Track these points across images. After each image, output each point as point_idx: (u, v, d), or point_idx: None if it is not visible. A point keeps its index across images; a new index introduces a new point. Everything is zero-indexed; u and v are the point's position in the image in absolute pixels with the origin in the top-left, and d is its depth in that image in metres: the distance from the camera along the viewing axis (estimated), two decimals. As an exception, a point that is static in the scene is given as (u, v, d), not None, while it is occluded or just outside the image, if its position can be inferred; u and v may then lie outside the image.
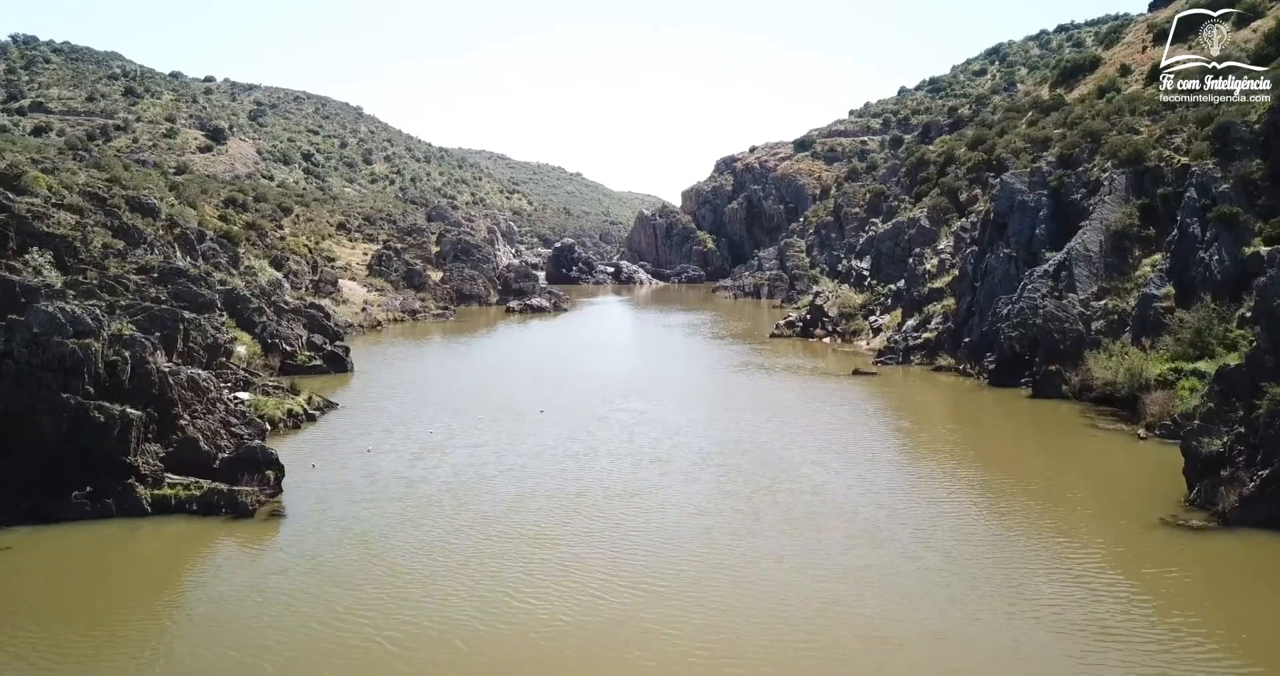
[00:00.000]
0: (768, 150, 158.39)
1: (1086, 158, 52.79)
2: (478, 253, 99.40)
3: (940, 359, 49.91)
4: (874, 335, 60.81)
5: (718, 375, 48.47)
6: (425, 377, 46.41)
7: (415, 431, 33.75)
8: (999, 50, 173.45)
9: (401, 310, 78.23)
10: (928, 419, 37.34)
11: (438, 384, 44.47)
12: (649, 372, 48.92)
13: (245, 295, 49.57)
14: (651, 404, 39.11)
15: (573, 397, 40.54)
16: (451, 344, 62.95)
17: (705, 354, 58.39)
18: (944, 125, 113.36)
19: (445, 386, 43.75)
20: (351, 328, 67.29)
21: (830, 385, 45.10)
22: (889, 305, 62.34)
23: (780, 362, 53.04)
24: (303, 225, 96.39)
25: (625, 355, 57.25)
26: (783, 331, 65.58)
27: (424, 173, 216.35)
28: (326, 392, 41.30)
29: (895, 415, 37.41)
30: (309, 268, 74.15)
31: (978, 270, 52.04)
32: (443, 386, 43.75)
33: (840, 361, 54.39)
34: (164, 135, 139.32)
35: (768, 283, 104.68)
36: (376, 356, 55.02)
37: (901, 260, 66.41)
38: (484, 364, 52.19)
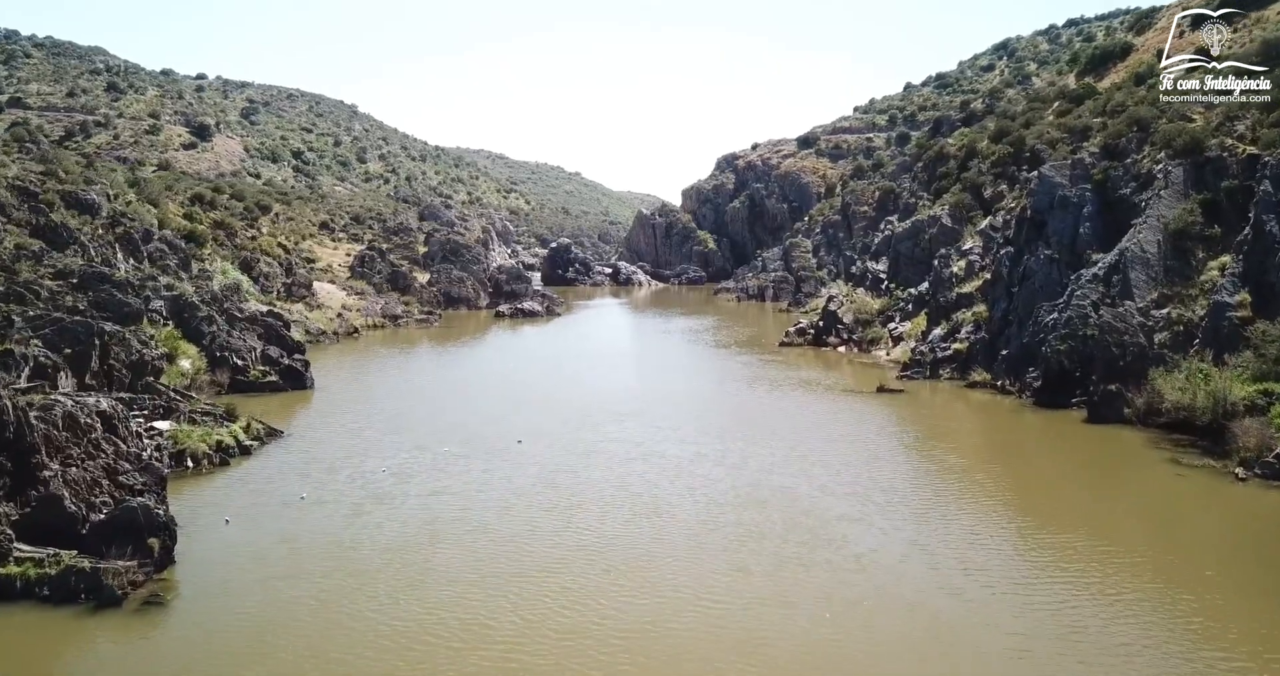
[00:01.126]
0: (770, 147, 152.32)
1: (1135, 148, 46.76)
2: (467, 253, 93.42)
3: (974, 373, 43.94)
4: (894, 344, 54.86)
5: (725, 392, 42.47)
6: (393, 396, 40.43)
7: (366, 469, 27.78)
8: (1007, 45, 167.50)
9: (382, 315, 72.24)
10: (976, 452, 31.31)
11: (405, 404, 38.49)
12: (647, 389, 42.94)
13: (194, 302, 43.62)
14: (649, 431, 33.12)
15: (558, 422, 34.55)
16: (430, 354, 56.95)
17: (709, 366, 52.42)
18: (956, 120, 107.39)
19: (413, 408, 37.77)
20: (325, 335, 61.37)
21: (854, 405, 39.11)
22: (909, 311, 56.38)
23: (794, 377, 47.08)
24: (282, 225, 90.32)
25: (620, 367, 51.27)
26: (793, 339, 59.60)
27: (419, 171, 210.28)
28: (274, 416, 35.31)
29: (937, 447, 31.39)
30: (281, 270, 68.16)
31: (1014, 273, 46.07)
32: (410, 407, 37.77)
33: (860, 375, 48.41)
34: (146, 131, 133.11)
35: (772, 285, 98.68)
36: (344, 369, 49.05)
37: (923, 262, 60.48)
38: (462, 378, 46.20)
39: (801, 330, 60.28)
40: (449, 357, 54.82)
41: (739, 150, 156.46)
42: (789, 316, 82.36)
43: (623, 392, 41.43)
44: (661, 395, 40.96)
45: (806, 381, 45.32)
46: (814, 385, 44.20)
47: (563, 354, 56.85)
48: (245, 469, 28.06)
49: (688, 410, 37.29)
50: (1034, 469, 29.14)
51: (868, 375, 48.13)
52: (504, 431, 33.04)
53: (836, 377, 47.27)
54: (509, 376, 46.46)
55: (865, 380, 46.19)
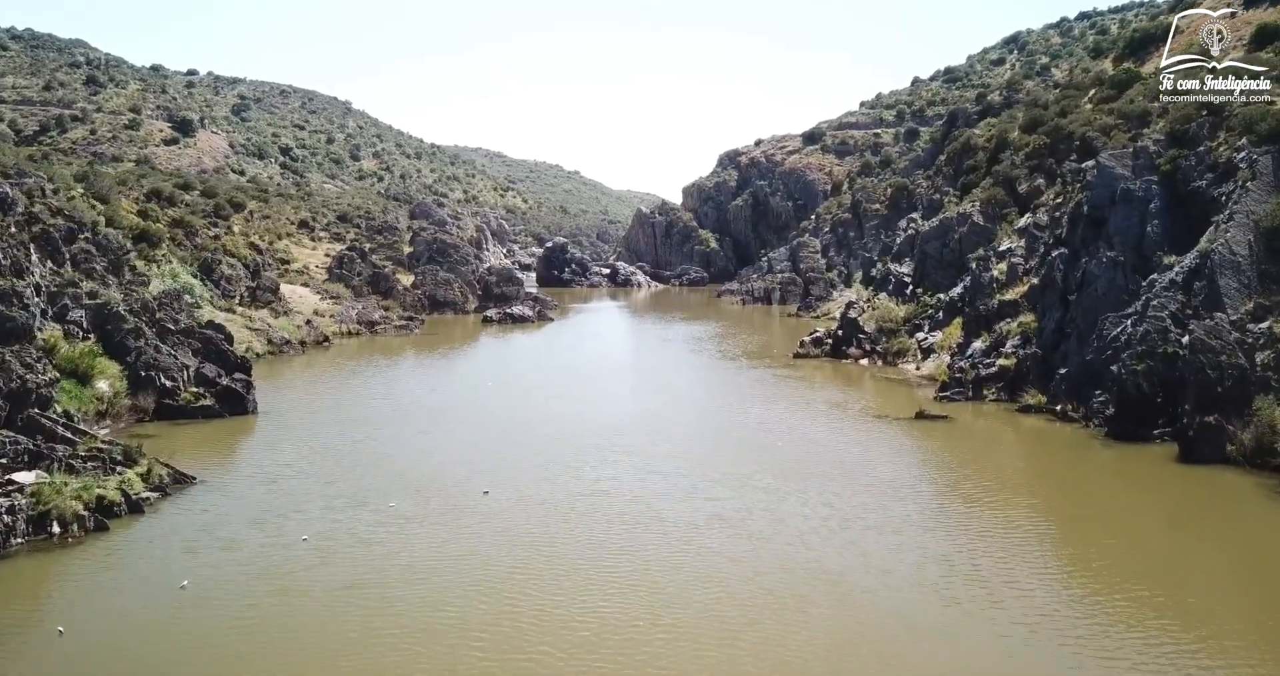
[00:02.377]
0: (774, 143, 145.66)
1: (1208, 134, 40.12)
2: (456, 253, 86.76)
3: (1026, 395, 37.31)
4: (923, 357, 48.23)
5: (736, 419, 35.80)
6: (345, 424, 33.78)
7: (284, 537, 21.14)
8: (1017, 39, 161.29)
9: (359, 321, 65.60)
10: (1073, 511, 24.54)
11: (358, 435, 31.86)
12: (645, 415, 36.26)
13: (120, 312, 36.97)
14: (648, 477, 26.46)
15: (537, 463, 27.90)
16: (402, 368, 50.30)
17: (716, 383, 45.80)
18: (972, 113, 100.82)
19: (366, 440, 31.13)
20: (289, 345, 54.72)
21: (893, 436, 32.47)
22: (940, 319, 49.75)
23: (816, 398, 40.45)
24: (256, 223, 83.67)
25: (615, 385, 44.62)
26: (809, 350, 52.96)
27: (414, 169, 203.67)
28: (195, 453, 28.72)
29: (1011, 500, 24.70)
30: (246, 272, 61.50)
31: (1070, 278, 39.46)
32: (363, 440, 31.13)
33: (891, 394, 41.80)
34: (125, 127, 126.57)
35: (779, 287, 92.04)
36: (300, 387, 42.43)
37: (952, 264, 53.88)
38: (431, 400, 39.54)
39: (818, 339, 53.64)
40: (421, 373, 48.14)
41: (741, 146, 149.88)
42: (799, 322, 75.74)
43: (617, 420, 34.73)
44: (662, 424, 34.27)
45: (832, 403, 38.66)
46: (841, 409, 37.55)
47: (551, 368, 50.17)
48: (127, 535, 21.43)
49: (694, 445, 30.57)
50: (1173, 543, 22.43)
51: (900, 395, 41.51)
52: (469, 476, 26.40)
53: (865, 398, 40.64)
54: (486, 397, 39.80)
55: (899, 401, 39.57)
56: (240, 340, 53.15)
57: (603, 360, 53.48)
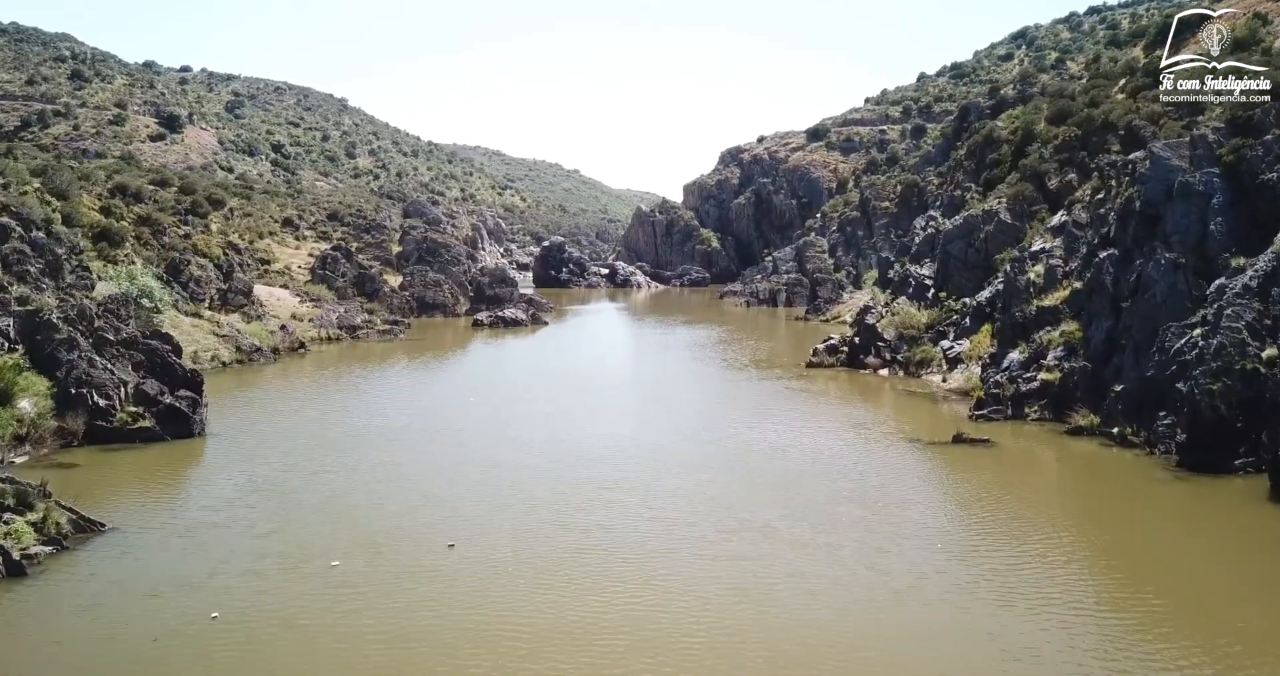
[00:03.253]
0: (778, 140, 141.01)
1: (1275, 120, 35.56)
2: (446, 253, 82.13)
3: (1076, 415, 32.69)
4: (949, 367, 43.64)
5: (750, 442, 31.16)
6: (299, 453, 29.17)
7: (188, 615, 16.56)
8: (1025, 34, 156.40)
9: (339, 326, 61.00)
10: (1170, 579, 19.93)
11: (311, 466, 27.28)
12: (644, 440, 31.61)
13: (52, 320, 32.38)
14: (649, 525, 21.87)
15: (517, 506, 23.30)
16: (380, 379, 45.67)
17: (724, 397, 41.19)
18: (985, 107, 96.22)
19: (319, 474, 26.54)
20: (260, 352, 50.14)
21: (932, 465, 27.88)
22: (967, 326, 45.16)
23: (837, 415, 35.83)
24: (236, 221, 79.04)
25: (612, 400, 39.98)
26: (823, 359, 48.36)
27: (411, 167, 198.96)
28: (113, 490, 24.17)
29: (1098, 557, 20.15)
30: (217, 273, 56.89)
31: (1122, 282, 34.84)
32: (315, 474, 26.55)
33: (917, 411, 37.24)
34: (110, 122, 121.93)
35: (785, 288, 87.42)
36: (260, 403, 37.82)
37: (978, 266, 49.29)
38: (407, 419, 34.92)
39: (833, 347, 49.03)
40: (399, 385, 43.49)
41: (744, 143, 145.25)
42: (806, 326, 71.18)
43: (613, 447, 30.10)
44: (665, 452, 29.64)
45: (855, 423, 34.04)
46: (866, 430, 32.93)
47: (541, 379, 45.52)
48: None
49: (704, 481, 25.92)
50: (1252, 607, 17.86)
51: (928, 412, 36.94)
52: (434, 522, 21.82)
53: (890, 416, 36.04)
54: (466, 417, 35.18)
55: (929, 420, 35.01)
56: (205, 348, 48.68)
57: (598, 370, 48.89)
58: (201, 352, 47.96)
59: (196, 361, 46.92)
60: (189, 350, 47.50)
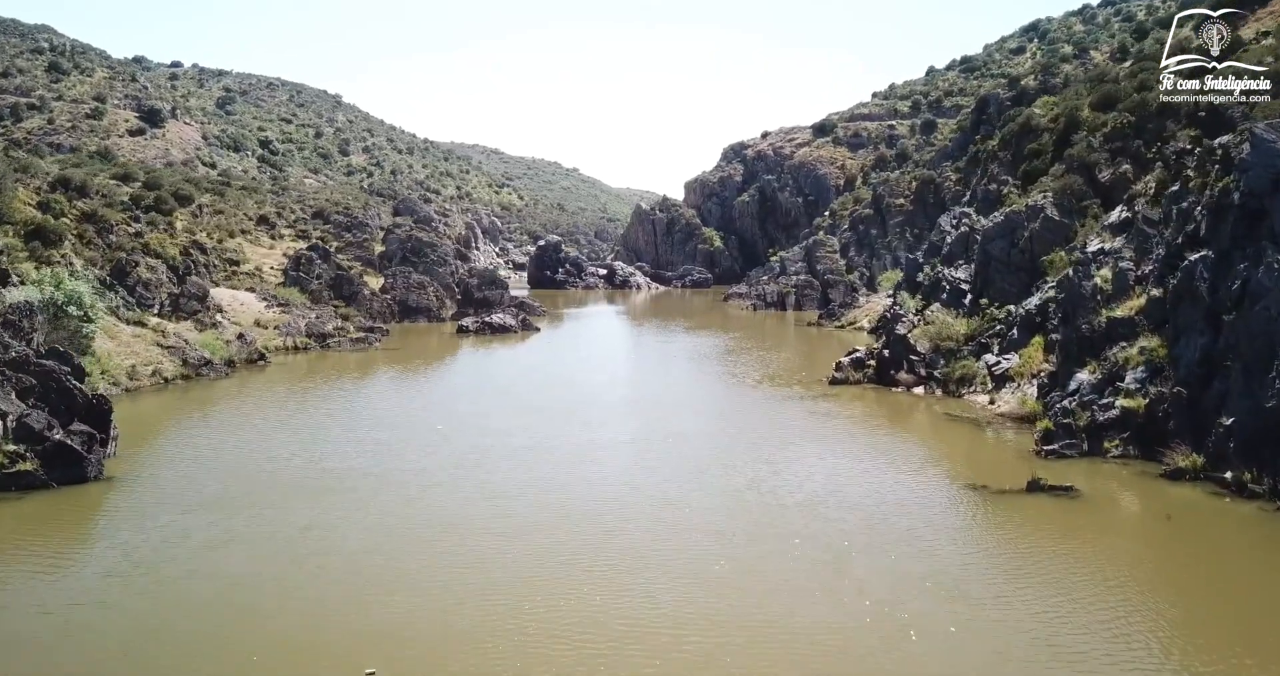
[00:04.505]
0: (782, 136, 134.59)
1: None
2: (433, 253, 75.71)
3: (1175, 454, 26.34)
4: (996, 386, 37.28)
5: (777, 489, 24.75)
6: (208, 509, 22.78)
7: None
8: (1037, 27, 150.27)
9: (308, 333, 54.62)
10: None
11: (213, 536, 20.90)
12: (643, 489, 25.18)
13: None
14: (652, 643, 15.53)
15: (469, 606, 16.91)
16: (338, 398, 39.25)
17: (737, 424, 34.75)
18: (1004, 98, 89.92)
19: (221, 548, 20.16)
20: (210, 366, 43.80)
21: (1016, 528, 21.50)
22: (1015, 338, 38.78)
23: (876, 449, 29.41)
24: (206, 219, 72.69)
25: (604, 429, 33.49)
26: (848, 374, 41.99)
27: (405, 165, 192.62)
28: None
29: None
30: (170, 276, 50.55)
31: (1222, 290, 28.50)
32: (217, 548, 20.17)
33: (966, 441, 30.88)
34: (86, 116, 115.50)
35: (795, 291, 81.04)
36: (184, 434, 31.35)
37: (1023, 268, 42.93)
38: (352, 456, 28.51)
39: (858, 361, 42.65)
40: (358, 407, 37.02)
41: (747, 139, 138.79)
42: (821, 333, 64.85)
43: (606, 501, 23.65)
44: (673, 509, 23.19)
45: (901, 461, 27.66)
46: (917, 472, 26.57)
47: (525, 398, 39.04)
48: None
49: (728, 561, 19.47)
50: None
51: (984, 444, 30.58)
52: (354, 636, 15.47)
53: (942, 451, 29.64)
54: (427, 453, 28.76)
55: (989, 456, 28.71)
56: (146, 361, 42.37)
57: (592, 388, 42.48)
58: (140, 367, 41.69)
59: (134, 378, 40.74)
60: (125, 365, 41.31)
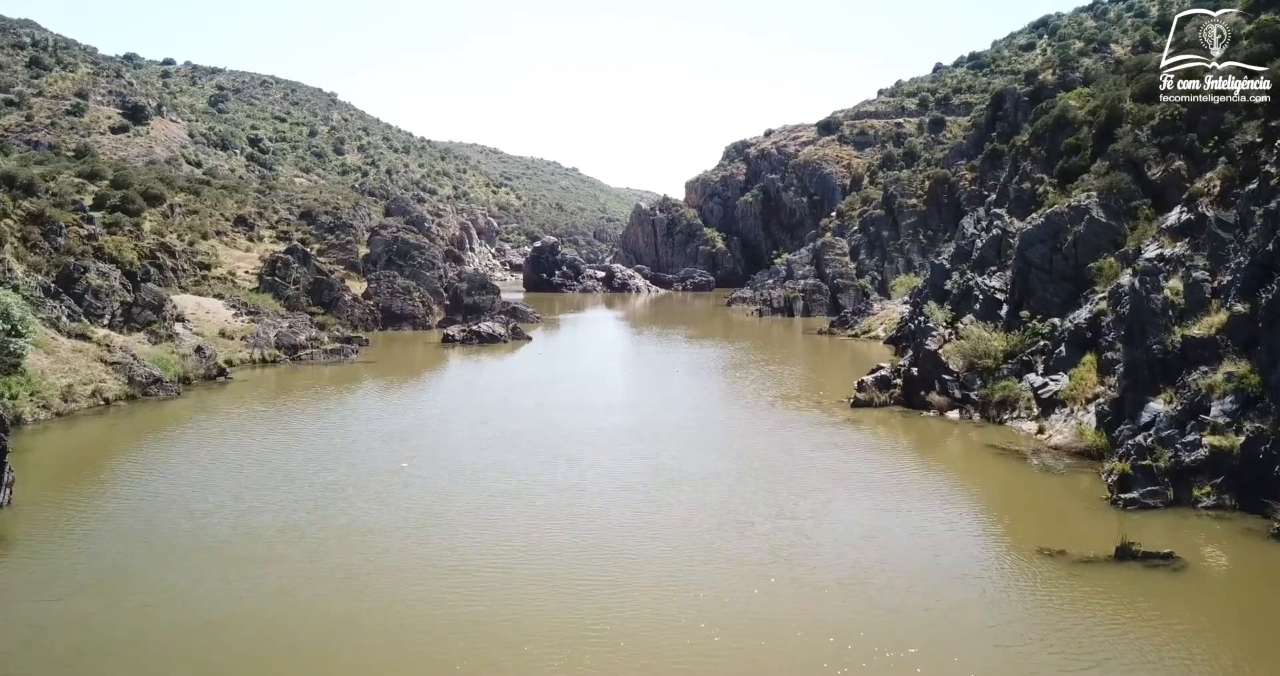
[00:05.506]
0: (786, 134, 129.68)
1: None
2: (420, 255, 70.81)
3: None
4: (1044, 412, 32.39)
5: (812, 570, 19.83)
6: (89, 591, 17.95)
7: None
8: (1046, 23, 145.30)
9: (277, 345, 49.70)
10: None
11: (91, 638, 16.06)
12: (641, 560, 20.26)
13: None
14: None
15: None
16: (293, 425, 34.30)
17: (751, 461, 29.82)
18: (1021, 94, 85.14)
19: (101, 653, 15.32)
20: (159, 384, 38.94)
21: (1124, 618, 16.66)
22: (1062, 356, 33.87)
23: (914, 489, 24.52)
24: (178, 219, 67.80)
25: (594, 475, 28.56)
26: (871, 394, 37.10)
27: (401, 164, 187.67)
28: None
29: None
30: (125, 283, 45.71)
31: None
32: (95, 653, 15.33)
33: (1021, 482, 25.99)
34: (67, 112, 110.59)
35: (802, 295, 76.15)
36: (102, 473, 26.39)
37: (1068, 277, 38.02)
38: (290, 510, 23.62)
39: (883, 380, 37.75)
40: (314, 436, 32.07)
41: (750, 137, 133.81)
42: (834, 342, 59.96)
43: (592, 587, 18.78)
44: (683, 593, 18.33)
45: (949, 512, 22.79)
46: (973, 527, 21.70)
47: (506, 429, 33.94)
48: None
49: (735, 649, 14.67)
50: None
51: (1043, 487, 25.69)
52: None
53: (994, 496, 24.76)
54: (382, 504, 23.85)
55: (1053, 505, 23.87)
56: (85, 380, 37.49)
57: (582, 411, 37.53)
58: (79, 387, 36.84)
59: (70, 399, 35.89)
60: (60, 384, 36.43)
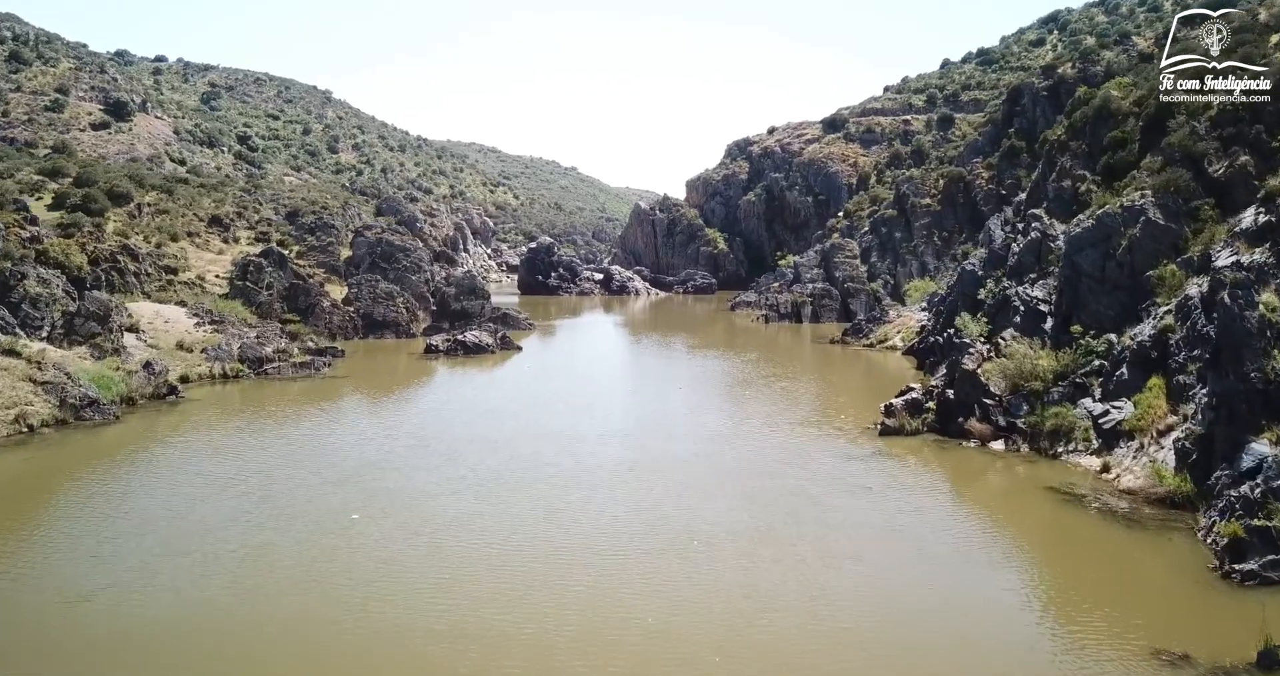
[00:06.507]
0: (790, 131, 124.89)
1: None
2: (405, 258, 65.99)
3: None
4: (1106, 445, 27.67)
5: (848, 659, 15.14)
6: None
7: None
8: (1056, 18, 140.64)
9: (241, 358, 44.91)
10: None
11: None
12: (630, 666, 15.59)
13: None
14: None
15: None
16: (230, 462, 29.50)
17: (763, 514, 25.01)
18: (1039, 88, 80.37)
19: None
20: (96, 407, 34.18)
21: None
22: (1124, 378, 29.11)
23: (972, 555, 19.83)
24: (146, 220, 63.03)
25: (574, 533, 23.83)
26: (902, 420, 32.33)
27: (396, 163, 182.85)
28: None
29: None
30: (70, 291, 40.96)
31: None
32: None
33: (1103, 541, 21.21)
34: (45, 108, 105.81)
35: (811, 300, 71.36)
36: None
37: (1122, 286, 33.24)
38: (200, 586, 18.84)
39: (914, 403, 32.98)
40: (250, 477, 27.20)
41: (753, 135, 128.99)
42: (847, 352, 55.18)
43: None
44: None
45: (1023, 586, 18.07)
46: (1059, 613, 16.97)
47: (479, 464, 28.96)
48: None
49: None
50: None
51: (1130, 549, 20.92)
52: None
53: (1073, 563, 20.01)
54: (310, 580, 19.09)
55: (1156, 581, 19.14)
56: (8, 403, 32.73)
57: (570, 441, 32.63)
58: (2, 410, 32.15)
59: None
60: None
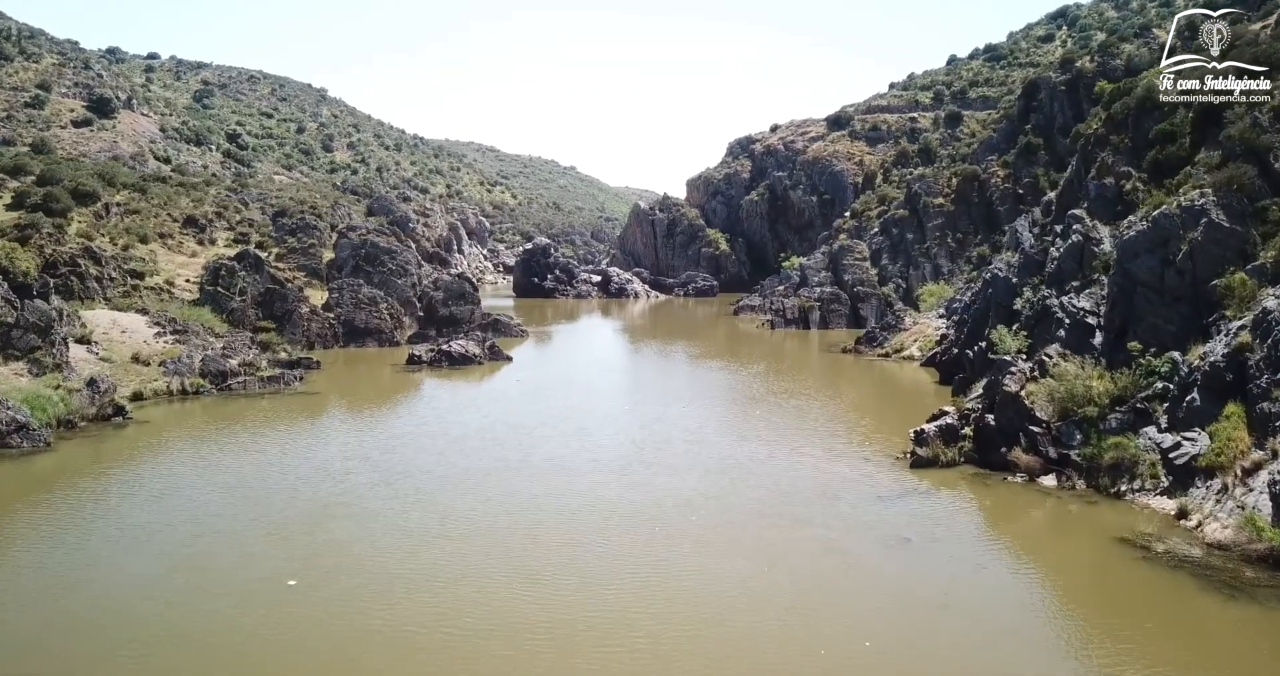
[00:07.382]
0: (794, 129, 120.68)
1: None
2: (391, 261, 61.87)
3: None
4: (1178, 483, 23.64)
5: None
6: None
7: None
8: (1065, 13, 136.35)
9: (202, 372, 40.79)
10: None
11: None
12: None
13: None
14: None
15: None
16: (158, 508, 25.32)
17: (781, 565, 20.88)
18: (1057, 82, 76.25)
19: None
20: (25, 432, 30.08)
21: None
22: (1195, 405, 25.00)
23: (1039, 632, 15.75)
24: (114, 221, 58.89)
25: (558, 615, 19.67)
26: (936, 449, 28.24)
27: (392, 162, 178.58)
28: None
29: None
30: (11, 300, 36.82)
31: None
32: None
33: (1206, 617, 17.12)
34: (25, 105, 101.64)
35: (819, 305, 67.23)
36: None
37: (1184, 297, 29.10)
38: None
39: (948, 429, 28.88)
40: (180, 525, 23.09)
41: (755, 133, 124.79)
42: (860, 362, 51.07)
43: None
44: None
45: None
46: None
47: (447, 511, 24.65)
48: None
49: None
50: None
51: (1258, 640, 16.82)
52: None
53: (1184, 658, 15.97)
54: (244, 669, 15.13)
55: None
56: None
57: (555, 479, 28.31)
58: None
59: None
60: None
